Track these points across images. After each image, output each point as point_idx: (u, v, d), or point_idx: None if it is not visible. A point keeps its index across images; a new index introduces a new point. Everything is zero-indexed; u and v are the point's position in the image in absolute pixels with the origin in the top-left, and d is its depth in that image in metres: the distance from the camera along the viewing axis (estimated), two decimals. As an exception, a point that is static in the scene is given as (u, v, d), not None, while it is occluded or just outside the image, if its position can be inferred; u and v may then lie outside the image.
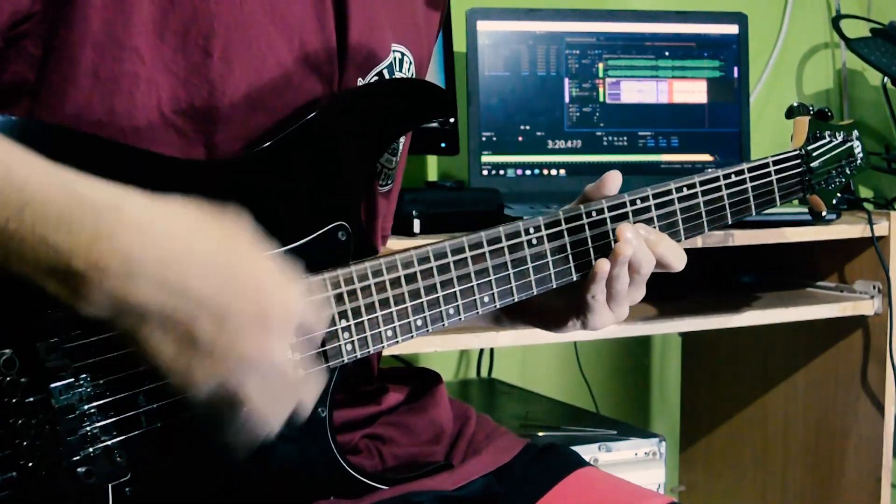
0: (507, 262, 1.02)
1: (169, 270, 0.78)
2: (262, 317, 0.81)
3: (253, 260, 0.83)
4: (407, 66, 1.11)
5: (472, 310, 1.01)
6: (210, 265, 0.80)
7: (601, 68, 2.06)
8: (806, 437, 2.13)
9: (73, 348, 0.84)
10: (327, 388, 0.96)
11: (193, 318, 0.79)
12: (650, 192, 1.09)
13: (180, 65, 0.93)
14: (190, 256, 0.79)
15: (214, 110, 0.94)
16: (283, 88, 0.98)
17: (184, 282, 0.79)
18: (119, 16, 0.91)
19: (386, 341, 0.97)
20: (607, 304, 1.06)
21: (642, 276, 1.05)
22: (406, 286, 0.97)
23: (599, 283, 1.04)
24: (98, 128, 0.91)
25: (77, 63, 0.90)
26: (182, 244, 0.80)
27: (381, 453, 1.08)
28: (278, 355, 0.83)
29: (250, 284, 0.81)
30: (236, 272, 0.81)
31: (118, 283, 0.77)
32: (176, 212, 0.81)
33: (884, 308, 1.91)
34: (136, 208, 0.79)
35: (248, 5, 0.96)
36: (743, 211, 1.16)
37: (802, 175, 1.23)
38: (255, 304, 0.81)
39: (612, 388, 2.47)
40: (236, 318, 0.80)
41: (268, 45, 0.97)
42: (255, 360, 0.81)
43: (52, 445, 0.83)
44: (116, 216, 0.78)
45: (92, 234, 0.77)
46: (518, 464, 1.13)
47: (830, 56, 2.59)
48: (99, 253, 0.77)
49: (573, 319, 1.09)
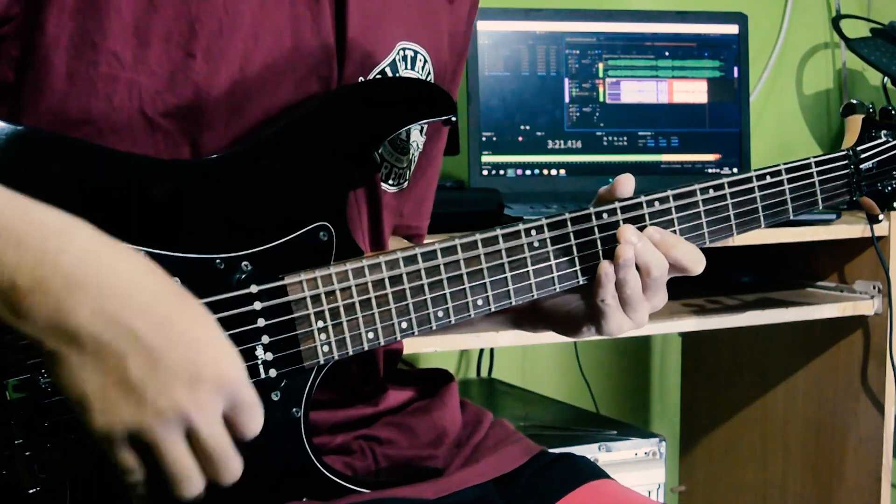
0: (505, 263, 1.00)
1: (110, 301, 0.77)
2: (196, 372, 0.79)
3: (196, 316, 0.81)
4: (421, 63, 1.09)
5: (463, 312, 0.99)
6: (151, 307, 0.79)
7: (601, 68, 2.06)
8: (806, 437, 2.13)
9: (28, 344, 0.82)
10: (304, 389, 0.95)
11: (127, 354, 0.77)
12: (670, 193, 1.06)
13: (164, 66, 0.93)
14: (132, 293, 0.78)
15: (199, 111, 0.94)
16: (272, 88, 0.97)
17: (123, 315, 0.77)
18: (93, 21, 0.91)
19: (367, 343, 0.95)
20: (622, 309, 1.03)
21: (655, 280, 1.02)
22: (390, 288, 0.96)
23: (607, 287, 1.01)
24: (75, 128, 0.91)
25: (50, 65, 0.91)
26: (126, 280, 0.79)
27: (374, 454, 1.06)
28: (206, 415, 0.80)
29: (188, 336, 0.79)
30: (177, 321, 0.79)
31: (57, 303, 0.76)
32: (125, 252, 0.81)
33: (884, 308, 1.91)
34: (86, 237, 0.79)
35: (233, 5, 0.95)
36: (779, 213, 1.12)
37: (850, 177, 1.20)
38: (190, 360, 0.79)
39: (612, 388, 2.47)
40: (170, 366, 0.78)
41: (255, 45, 0.96)
42: (182, 413, 0.78)
43: (5, 440, 0.83)
44: (66, 240, 0.78)
45: (38, 253, 0.77)
46: (525, 473, 1.08)
47: (830, 56, 2.59)
48: (42, 272, 0.76)
49: (587, 325, 1.06)
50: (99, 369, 0.77)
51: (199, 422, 0.79)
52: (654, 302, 1.04)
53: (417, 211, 1.19)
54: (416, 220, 1.19)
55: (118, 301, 0.78)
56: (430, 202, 1.21)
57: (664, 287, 1.04)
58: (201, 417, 0.79)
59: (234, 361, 0.82)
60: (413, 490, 1.01)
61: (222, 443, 0.81)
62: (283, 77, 0.98)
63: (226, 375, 0.80)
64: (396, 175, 1.10)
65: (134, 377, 0.77)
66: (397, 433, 1.08)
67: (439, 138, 1.19)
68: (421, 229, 1.21)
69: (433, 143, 1.17)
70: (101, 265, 0.78)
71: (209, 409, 0.80)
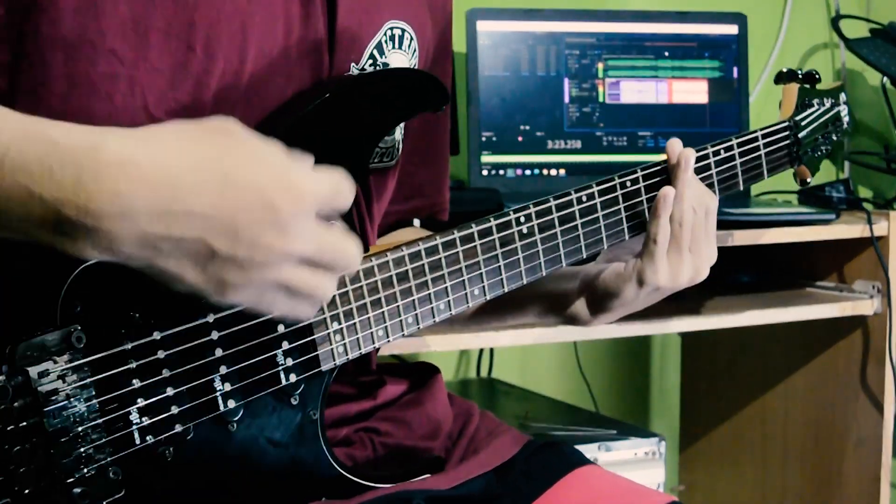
0: (497, 253, 1.03)
1: (164, 197, 0.75)
2: (274, 215, 0.77)
3: (247, 160, 0.78)
4: (408, 41, 1.10)
5: (462, 304, 1.01)
6: (204, 181, 0.76)
7: (601, 68, 2.06)
8: (805, 436, 2.13)
9: (64, 371, 0.83)
10: (320, 390, 0.96)
11: (204, 236, 0.76)
12: (640, 173, 1.12)
13: (165, 62, 0.93)
14: (181, 178, 0.76)
15: (200, 104, 0.94)
16: (271, 77, 0.97)
17: (182, 204, 0.75)
18: (91, 20, 0.90)
19: (377, 341, 0.97)
20: (677, 249, 1.09)
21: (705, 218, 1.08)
22: (398, 285, 0.97)
23: (664, 218, 1.08)
24: None
25: (49, 68, 0.90)
26: (170, 167, 0.76)
27: (373, 443, 1.08)
28: (305, 243, 0.79)
29: (251, 187, 0.77)
30: (233, 179, 0.77)
31: (114, 223, 0.74)
32: (157, 137, 0.78)
33: (883, 308, 1.92)
34: (116, 144, 0.76)
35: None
36: (731, 186, 1.16)
37: (791, 147, 1.21)
38: (262, 205, 0.77)
39: (612, 387, 2.47)
40: (247, 227, 0.77)
41: (251, 35, 0.96)
42: (282, 260, 0.78)
43: (46, 469, 0.83)
44: (96, 155, 0.75)
45: (75, 178, 0.74)
46: (518, 461, 1.12)
47: (830, 56, 2.59)
48: (87, 197, 0.74)
49: (582, 302, 1.12)
50: (189, 261, 0.77)
51: (301, 248, 0.79)
52: (707, 252, 1.09)
53: (437, 188, 1.22)
54: (438, 196, 1.22)
55: (171, 193, 0.75)
56: (447, 177, 1.24)
57: (712, 231, 1.09)
58: (300, 244, 0.79)
59: (300, 181, 0.79)
60: (427, 483, 1.04)
61: (331, 244, 0.81)
62: (277, 67, 0.98)
63: (301, 196, 0.79)
64: (380, 154, 1.10)
65: (223, 251, 0.77)
66: (392, 426, 1.10)
67: (437, 122, 1.21)
68: (444, 204, 1.24)
69: (434, 127, 1.19)
70: (141, 166, 0.75)
71: (303, 239, 0.79)
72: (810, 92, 1.26)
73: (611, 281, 1.12)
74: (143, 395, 0.87)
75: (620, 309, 1.14)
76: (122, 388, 0.86)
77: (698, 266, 1.10)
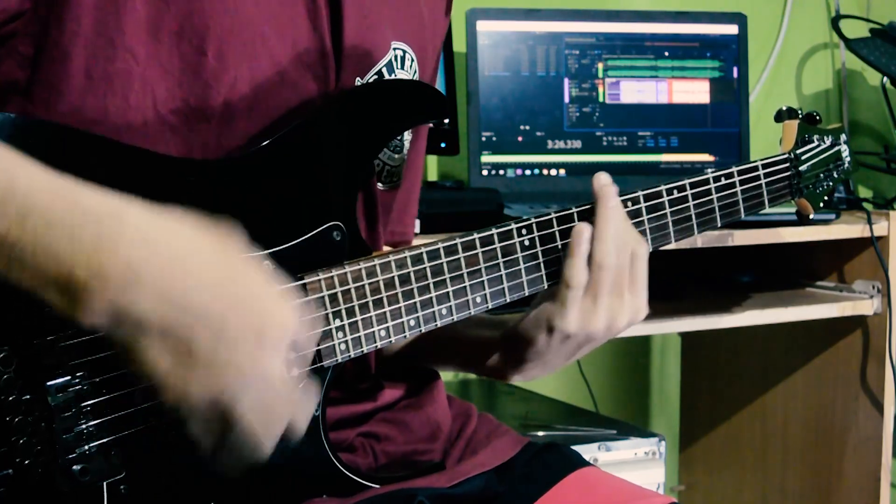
0: (500, 263, 1.02)
1: (170, 282, 0.77)
2: (259, 331, 0.80)
3: (249, 274, 0.82)
4: (409, 62, 1.10)
5: (464, 310, 1.01)
6: (209, 279, 0.79)
7: (601, 68, 2.07)
8: (805, 436, 2.13)
9: (69, 346, 0.84)
10: (321, 387, 0.96)
11: (192, 330, 0.78)
12: (640, 193, 1.09)
13: (175, 64, 0.93)
14: (190, 269, 0.79)
15: (209, 109, 0.94)
16: (277, 87, 0.98)
17: (184, 294, 0.78)
18: (111, 16, 0.91)
19: (379, 341, 0.97)
20: (591, 297, 1.01)
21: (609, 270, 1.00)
22: (400, 287, 0.97)
23: (578, 258, 1.00)
24: (92, 126, 0.91)
25: (69, 62, 0.90)
26: (182, 257, 0.79)
27: (374, 451, 1.08)
28: (274, 370, 0.81)
29: (248, 298, 0.81)
30: (234, 286, 0.80)
31: (119, 293, 0.76)
32: (175, 224, 0.80)
33: (883, 308, 1.92)
34: (138, 219, 0.78)
35: (243, 4, 0.96)
36: (732, 213, 1.17)
37: (791, 179, 1.23)
38: (253, 318, 0.80)
39: (612, 387, 2.47)
40: (234, 331, 0.79)
41: (262, 44, 0.97)
42: (251, 374, 0.80)
43: (47, 443, 0.83)
44: (118, 226, 0.77)
45: (94, 243, 0.76)
46: (518, 462, 1.12)
47: (830, 56, 2.59)
48: (100, 262, 0.76)
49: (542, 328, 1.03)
50: (167, 349, 0.78)
51: (263, 380, 0.81)
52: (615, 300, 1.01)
53: (406, 212, 1.20)
54: (401, 225, 1.19)
55: (178, 281, 0.78)
56: (414, 208, 1.21)
57: (619, 282, 1.01)
58: (268, 374, 0.81)
59: (289, 314, 0.83)
60: (426, 481, 1.04)
61: (287, 393, 0.83)
62: (287, 77, 0.98)
63: (286, 327, 0.82)
64: (389, 173, 1.11)
65: (200, 352, 0.78)
66: (393, 429, 1.10)
67: (418, 138, 1.19)
68: (407, 235, 1.21)
69: (413, 146, 1.17)
70: (158, 246, 0.78)
71: (274, 366, 0.81)
72: (810, 129, 1.28)
73: (530, 326, 1.05)
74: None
75: (537, 361, 1.07)
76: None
77: (614, 316, 1.01)
